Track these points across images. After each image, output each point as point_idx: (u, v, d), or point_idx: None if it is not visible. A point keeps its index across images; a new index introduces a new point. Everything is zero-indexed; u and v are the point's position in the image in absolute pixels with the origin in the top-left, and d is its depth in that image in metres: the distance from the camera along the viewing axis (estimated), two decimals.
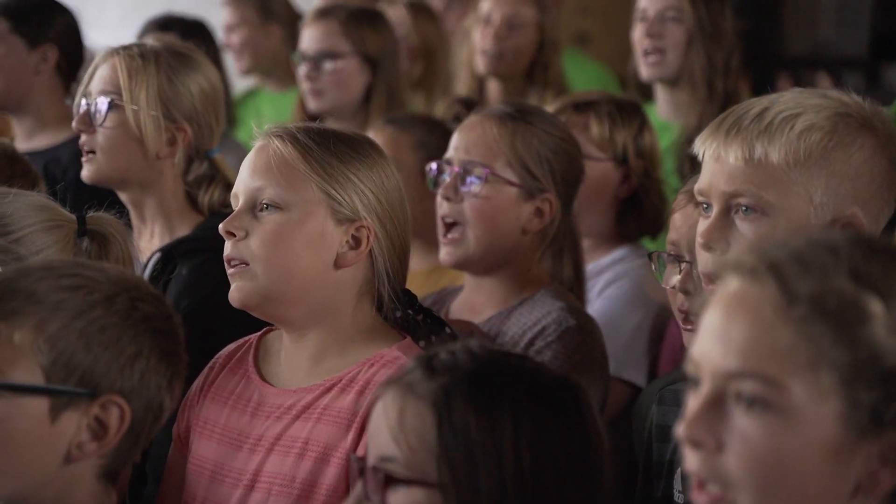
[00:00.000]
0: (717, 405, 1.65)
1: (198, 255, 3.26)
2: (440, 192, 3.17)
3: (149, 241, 3.40)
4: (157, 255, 3.28)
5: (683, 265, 2.73)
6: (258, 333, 2.67)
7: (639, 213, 3.71)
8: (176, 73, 3.34)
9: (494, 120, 3.15)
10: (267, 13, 6.03)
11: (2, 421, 2.06)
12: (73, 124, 3.35)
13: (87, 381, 2.08)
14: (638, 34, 4.38)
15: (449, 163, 3.17)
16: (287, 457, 2.49)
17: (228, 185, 3.39)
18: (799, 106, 2.39)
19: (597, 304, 3.59)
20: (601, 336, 3.15)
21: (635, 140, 3.69)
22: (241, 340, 2.69)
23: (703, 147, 2.43)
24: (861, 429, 1.63)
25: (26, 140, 4.35)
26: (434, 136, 3.87)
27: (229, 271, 2.54)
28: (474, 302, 3.19)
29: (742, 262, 1.69)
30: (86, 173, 3.36)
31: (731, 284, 1.68)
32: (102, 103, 3.31)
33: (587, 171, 3.34)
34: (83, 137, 3.35)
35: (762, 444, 1.62)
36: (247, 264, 2.53)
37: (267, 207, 2.51)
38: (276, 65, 5.94)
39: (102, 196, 3.24)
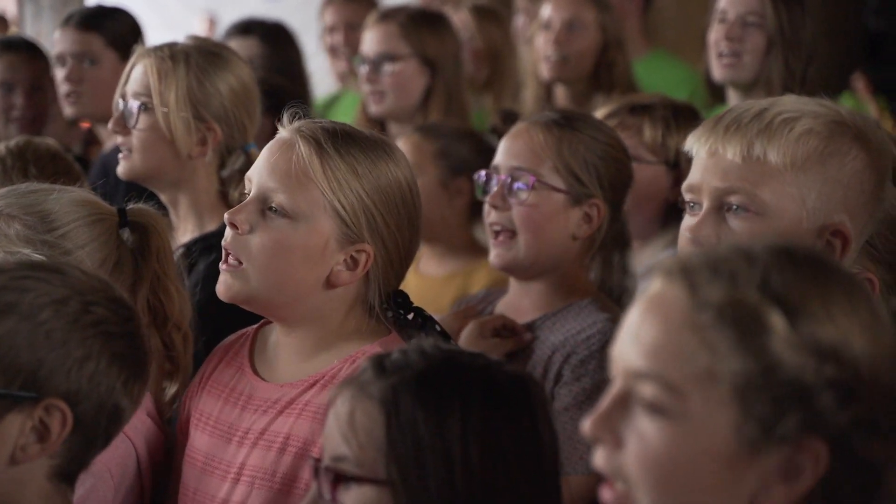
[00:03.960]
0: (623, 403, 1.65)
1: (216, 250, 3.25)
2: (488, 200, 3.17)
3: (182, 237, 3.46)
4: (180, 251, 3.31)
5: None
6: (256, 326, 2.69)
7: None
8: (205, 73, 3.38)
9: (540, 127, 3.15)
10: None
11: None
12: (109, 125, 3.44)
13: (31, 384, 2.08)
14: (715, 35, 4.31)
15: (496, 170, 3.17)
16: (269, 451, 2.51)
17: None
18: (798, 110, 2.39)
19: None
20: None
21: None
22: (239, 332, 2.71)
23: (698, 144, 2.41)
24: (752, 442, 1.61)
25: (108, 140, 4.53)
26: (463, 146, 3.91)
27: (222, 266, 2.54)
28: (519, 304, 3.19)
29: (664, 263, 1.69)
30: (121, 170, 3.45)
31: (654, 285, 1.68)
32: (134, 106, 3.39)
33: (638, 174, 3.31)
34: (120, 138, 3.43)
35: (657, 448, 1.63)
36: (240, 263, 2.52)
37: (276, 211, 2.50)
38: None
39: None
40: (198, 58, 3.40)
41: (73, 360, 2.10)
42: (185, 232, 3.47)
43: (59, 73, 4.54)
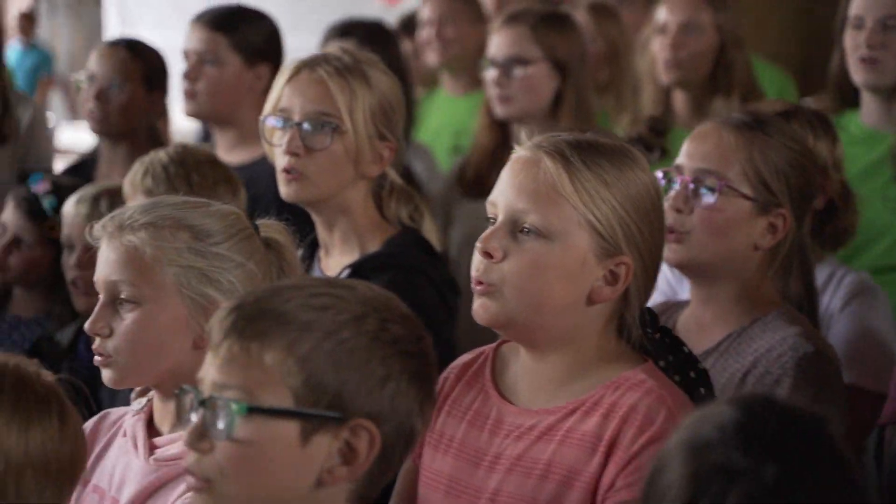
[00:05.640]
0: None
1: (388, 271, 3.23)
2: (668, 201, 3.04)
3: (339, 257, 3.39)
4: (347, 272, 3.27)
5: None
6: (492, 346, 2.62)
7: (832, 226, 3.61)
8: (377, 86, 3.32)
9: (731, 129, 3.04)
10: (479, 13, 5.97)
11: (254, 444, 2.01)
12: (286, 147, 3.29)
13: (337, 405, 2.01)
14: (852, 41, 4.15)
15: (679, 171, 3.07)
16: (528, 478, 2.44)
17: (407, 194, 3.43)
18: None
19: (844, 320, 3.50)
20: (839, 361, 3.05)
21: (831, 152, 3.58)
22: (475, 352, 2.65)
23: None
24: None
25: (226, 153, 4.45)
26: None
27: (477, 288, 2.47)
28: (702, 319, 3.09)
29: None
30: (291, 193, 3.32)
31: None
32: (319, 127, 3.28)
33: None
34: (291, 160, 3.29)
35: None
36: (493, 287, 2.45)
37: (529, 232, 2.44)
38: (464, 67, 5.83)
39: (301, 212, 3.30)
40: (368, 70, 3.32)
41: (375, 379, 2.02)
42: (343, 253, 3.38)
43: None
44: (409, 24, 6.32)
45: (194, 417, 2.04)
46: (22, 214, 4.27)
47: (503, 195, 2.48)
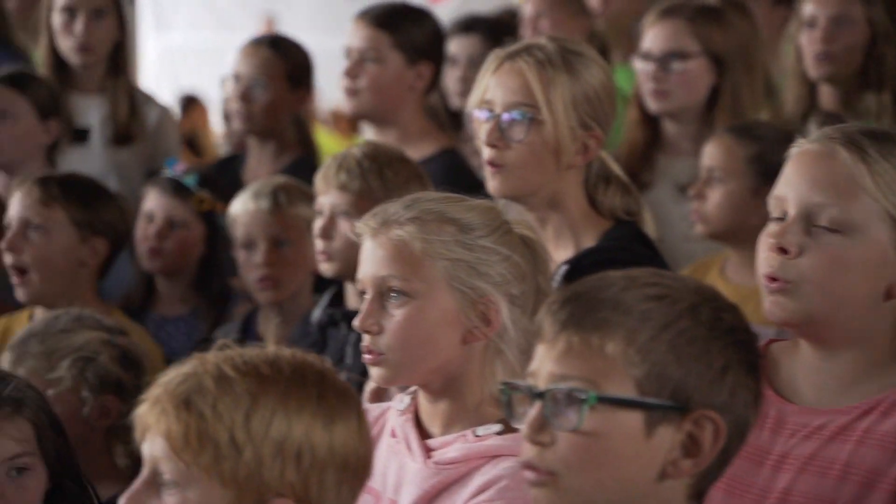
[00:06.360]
0: None
1: (609, 266, 3.06)
2: None
3: (553, 253, 3.22)
4: (565, 268, 3.16)
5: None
6: (762, 343, 2.51)
7: None
8: (581, 75, 3.21)
9: None
10: (580, 6, 5.88)
11: (600, 435, 1.96)
12: (485, 139, 3.19)
13: (679, 395, 1.95)
14: None
15: None
16: (825, 478, 2.35)
17: (624, 186, 3.32)
18: None
19: None
20: None
21: None
22: None
23: None
24: None
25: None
26: (783, 151, 3.80)
27: (771, 286, 2.39)
28: None
29: None
30: (496, 187, 3.21)
31: None
32: (518, 117, 3.18)
33: None
34: (491, 152, 3.20)
35: None
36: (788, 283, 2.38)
37: (827, 228, 2.35)
38: None
39: None
40: (571, 59, 3.21)
41: (716, 370, 1.96)
42: (557, 249, 3.25)
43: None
44: (513, 19, 6.21)
45: (532, 411, 1.97)
46: (169, 196, 4.30)
47: (794, 189, 2.39)
